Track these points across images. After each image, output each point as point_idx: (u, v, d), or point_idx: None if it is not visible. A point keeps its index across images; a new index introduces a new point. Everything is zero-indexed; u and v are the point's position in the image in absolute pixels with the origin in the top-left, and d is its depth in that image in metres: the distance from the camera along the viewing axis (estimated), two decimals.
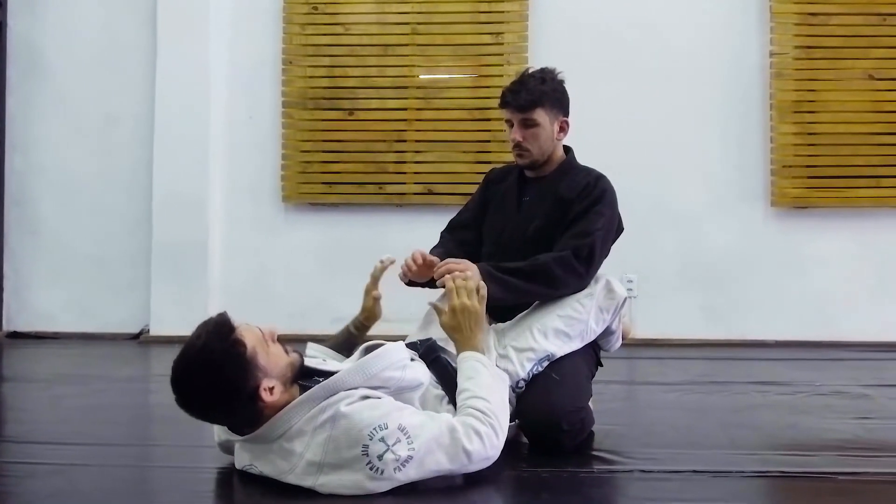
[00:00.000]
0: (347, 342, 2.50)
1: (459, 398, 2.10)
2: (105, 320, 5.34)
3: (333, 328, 5.55)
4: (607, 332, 2.58)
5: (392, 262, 2.52)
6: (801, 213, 5.15)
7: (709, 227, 5.16)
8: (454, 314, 2.21)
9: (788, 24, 5.08)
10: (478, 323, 2.21)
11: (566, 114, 2.66)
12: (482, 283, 2.28)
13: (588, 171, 2.65)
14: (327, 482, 1.89)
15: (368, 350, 2.14)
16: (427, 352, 2.33)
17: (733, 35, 5.17)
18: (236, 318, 1.96)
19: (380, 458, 1.87)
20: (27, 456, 2.32)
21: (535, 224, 2.59)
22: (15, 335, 5.36)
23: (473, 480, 2.07)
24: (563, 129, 2.65)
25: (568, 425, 2.30)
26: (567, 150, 2.73)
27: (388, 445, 1.87)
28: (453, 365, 2.28)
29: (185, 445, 2.51)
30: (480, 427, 2.00)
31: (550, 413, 2.29)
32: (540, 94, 2.58)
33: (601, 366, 2.68)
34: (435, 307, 2.38)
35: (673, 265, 5.15)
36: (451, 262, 2.37)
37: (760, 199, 5.14)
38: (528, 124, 2.58)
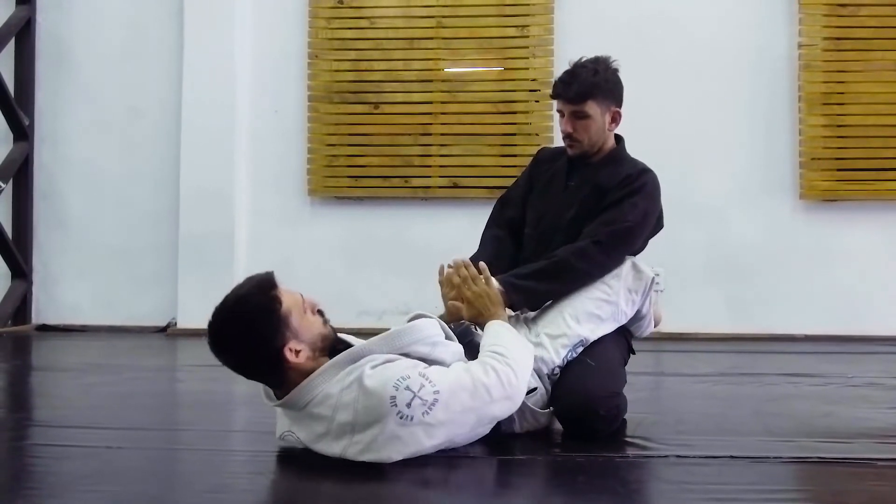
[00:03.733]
0: None
1: (480, 352, 2.14)
2: (132, 313, 5.38)
3: (358, 321, 5.57)
4: (637, 317, 2.55)
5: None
6: (830, 206, 5.10)
7: (736, 220, 5.12)
8: (470, 304, 2.33)
9: (817, 16, 5.04)
10: (493, 301, 2.32)
11: (619, 104, 2.62)
12: (482, 264, 2.35)
13: (634, 164, 2.62)
14: (362, 440, 1.92)
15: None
16: (461, 335, 2.33)
17: (761, 26, 5.14)
18: (282, 281, 2.02)
19: (408, 405, 1.91)
20: (62, 439, 2.33)
21: (571, 212, 2.57)
22: (44, 328, 5.41)
23: (509, 465, 2.06)
24: (616, 119, 2.63)
25: (604, 411, 2.28)
26: (619, 139, 2.70)
27: (415, 392, 1.91)
28: None
29: (215, 430, 2.54)
30: (497, 365, 2.06)
31: (587, 398, 2.27)
32: (591, 85, 2.55)
33: (633, 353, 2.66)
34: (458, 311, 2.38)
35: (699, 259, 5.12)
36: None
37: (789, 191, 5.10)
38: (579, 116, 2.56)
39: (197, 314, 5.02)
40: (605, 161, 2.63)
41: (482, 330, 2.31)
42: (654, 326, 2.70)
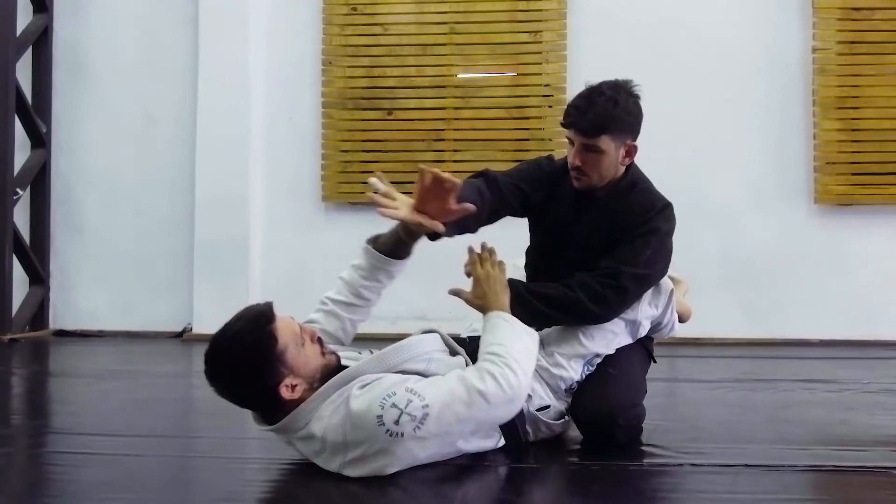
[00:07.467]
0: (397, 245, 2.37)
1: (479, 351, 2.10)
2: (148, 318, 5.41)
3: (372, 327, 5.57)
4: (657, 327, 2.54)
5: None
6: (844, 210, 5.07)
7: (750, 224, 5.10)
8: (478, 283, 2.23)
9: (831, 20, 5.02)
10: (502, 288, 2.22)
11: (635, 137, 2.36)
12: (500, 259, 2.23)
13: (654, 199, 2.40)
14: (355, 457, 1.93)
15: None
16: (476, 348, 2.32)
17: (775, 31, 5.12)
18: (280, 311, 1.99)
19: (396, 422, 1.90)
20: (80, 446, 2.35)
21: (590, 241, 2.39)
22: (61, 333, 5.45)
23: (523, 473, 2.06)
24: (630, 153, 2.36)
25: (624, 420, 2.27)
26: (629, 165, 2.42)
27: (402, 409, 1.90)
28: None
29: (231, 437, 2.54)
30: (493, 368, 1.99)
31: (607, 408, 2.26)
32: (607, 118, 2.28)
33: (654, 361, 2.64)
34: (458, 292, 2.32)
35: (714, 263, 5.10)
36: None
37: (803, 196, 5.08)
38: (591, 150, 2.31)
39: (212, 320, 5.03)
40: (620, 190, 2.40)
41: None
42: (683, 322, 2.67)
